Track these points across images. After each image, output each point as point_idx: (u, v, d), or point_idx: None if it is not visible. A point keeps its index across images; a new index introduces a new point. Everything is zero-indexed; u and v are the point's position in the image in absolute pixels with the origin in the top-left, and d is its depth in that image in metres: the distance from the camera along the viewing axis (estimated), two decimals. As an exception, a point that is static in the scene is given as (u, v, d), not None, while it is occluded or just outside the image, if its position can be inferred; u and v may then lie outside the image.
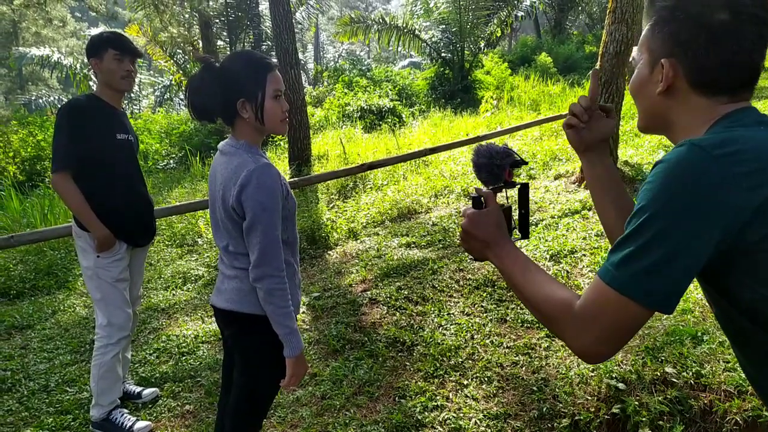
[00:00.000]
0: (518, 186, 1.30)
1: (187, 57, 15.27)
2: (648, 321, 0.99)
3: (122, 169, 2.78)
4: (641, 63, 1.04)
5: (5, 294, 4.92)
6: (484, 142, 1.33)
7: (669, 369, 2.59)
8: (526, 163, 1.36)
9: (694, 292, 3.30)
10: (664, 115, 1.02)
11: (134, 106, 19.29)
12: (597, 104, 1.27)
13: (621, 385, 2.56)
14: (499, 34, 16.58)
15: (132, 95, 19.35)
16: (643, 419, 2.35)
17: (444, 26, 16.18)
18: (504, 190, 1.29)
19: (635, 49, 1.08)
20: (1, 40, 30.90)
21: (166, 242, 5.93)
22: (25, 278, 5.13)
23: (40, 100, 18.83)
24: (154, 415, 2.92)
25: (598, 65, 5.81)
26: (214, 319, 2.40)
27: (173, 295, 4.57)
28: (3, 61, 29.21)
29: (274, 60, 1.81)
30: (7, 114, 16.36)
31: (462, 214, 1.16)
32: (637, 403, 2.44)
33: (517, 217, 1.30)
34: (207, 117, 1.78)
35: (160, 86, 19.22)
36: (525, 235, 1.31)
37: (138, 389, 3.06)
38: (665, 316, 3.09)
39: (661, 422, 2.34)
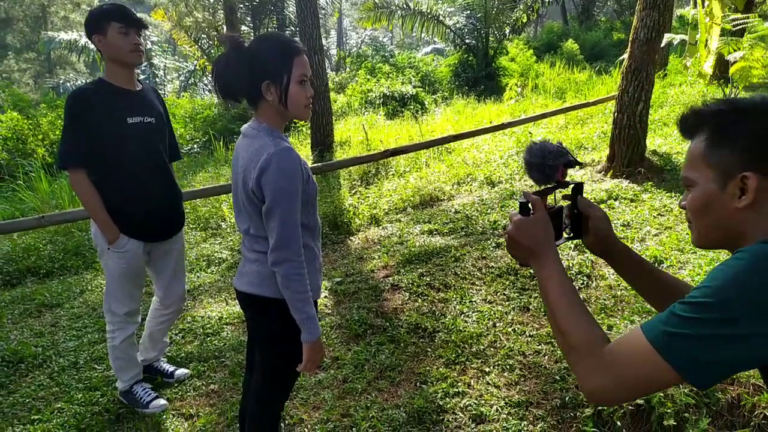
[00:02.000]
0: (572, 185, 1.28)
1: (211, 42, 15.35)
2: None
3: (135, 160, 2.58)
4: (702, 182, 1.00)
5: (35, 273, 5.05)
6: (537, 139, 1.28)
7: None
8: (580, 164, 1.30)
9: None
10: (740, 228, 0.97)
11: (159, 91, 19.48)
12: (575, 216, 1.28)
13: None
14: (524, 20, 16.33)
15: (157, 80, 19.55)
16: (668, 411, 2.33)
17: (469, 12, 15.99)
18: (555, 190, 1.26)
19: (685, 169, 1.04)
20: (31, 25, 31.40)
21: (191, 225, 6.01)
22: (54, 258, 5.25)
23: (68, 84, 19.13)
24: (180, 393, 2.97)
25: (627, 52, 5.69)
26: (237, 301, 2.44)
27: (198, 277, 4.63)
28: (32, 45, 29.70)
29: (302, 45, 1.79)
30: (36, 97, 16.65)
31: (509, 218, 1.15)
32: (662, 394, 2.41)
33: (568, 216, 1.28)
34: (232, 96, 1.76)
35: (184, 71, 19.38)
36: (577, 235, 1.30)
37: (171, 369, 3.11)
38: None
39: (686, 414, 2.32)
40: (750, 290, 0.82)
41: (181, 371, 3.12)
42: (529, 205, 1.13)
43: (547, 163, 1.22)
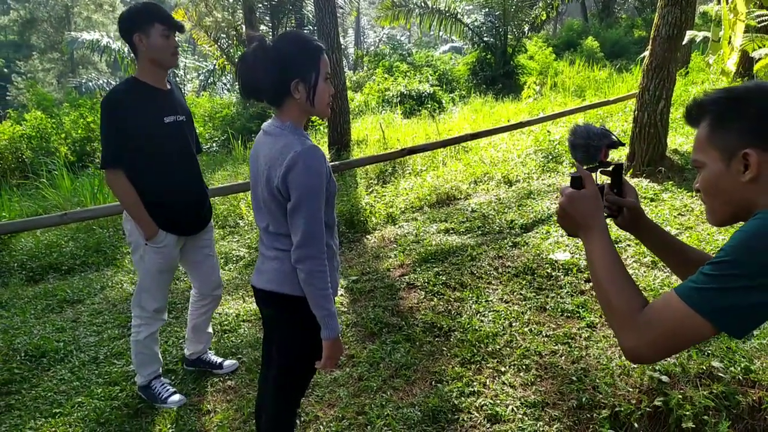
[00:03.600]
0: (612, 166, 1.35)
1: (230, 42, 15.48)
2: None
3: (172, 157, 2.66)
4: (710, 162, 1.11)
5: (57, 269, 5.14)
6: (580, 122, 1.39)
7: (716, 363, 2.51)
8: (623, 144, 1.40)
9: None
10: (749, 200, 1.07)
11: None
12: (614, 196, 1.37)
13: (665, 378, 2.50)
14: (544, 18, 16.19)
15: (177, 79, 19.76)
16: (687, 413, 2.29)
17: (487, 9, 15.89)
18: (598, 170, 1.33)
19: (694, 153, 1.15)
20: (55, 25, 31.96)
21: (209, 223, 6.07)
22: (75, 255, 5.34)
23: (90, 83, 19.44)
24: (197, 389, 3.01)
25: (649, 49, 5.61)
26: (253, 298, 2.46)
27: (215, 274, 4.67)
28: (56, 45, 30.23)
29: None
30: (59, 97, 16.96)
31: (560, 192, 1.23)
32: (680, 396, 2.37)
33: (608, 194, 1.35)
34: (256, 94, 1.76)
35: (204, 71, 19.57)
36: (615, 213, 1.37)
37: (220, 360, 3.16)
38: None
39: (705, 417, 2.28)
40: (757, 251, 0.94)
41: (230, 362, 3.17)
42: (581, 179, 1.20)
43: (592, 143, 1.30)
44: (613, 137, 1.32)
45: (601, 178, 1.36)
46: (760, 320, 0.97)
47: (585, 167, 1.28)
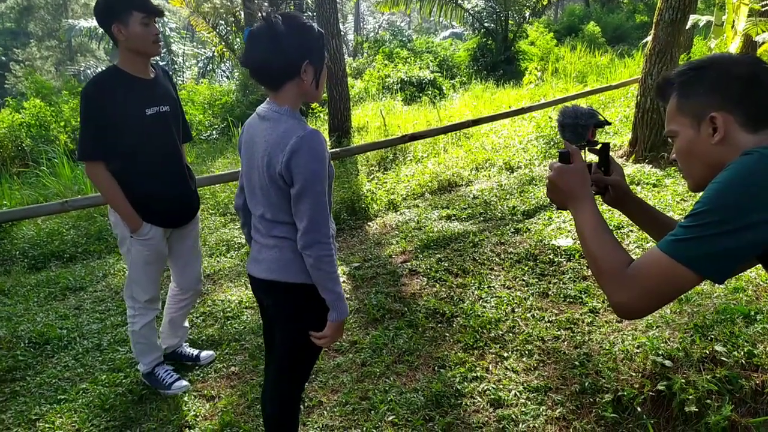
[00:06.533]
0: (599, 145, 1.41)
1: (229, 28, 15.36)
2: (698, 299, 1.06)
3: (154, 149, 2.58)
4: (681, 129, 1.18)
5: (59, 257, 5.14)
6: (569, 103, 1.45)
7: (719, 347, 2.51)
8: (609, 124, 1.46)
9: (748, 270, 3.17)
10: (722, 160, 1.10)
11: (178, 78, 19.59)
12: (600, 174, 1.44)
13: (667, 362, 2.50)
14: (545, 3, 16.02)
15: (176, 66, 19.65)
16: (690, 397, 2.30)
17: (488, -5, 15.73)
18: (585, 148, 1.39)
19: (667, 124, 1.22)
20: (52, 13, 31.72)
21: (210, 211, 6.06)
22: (77, 242, 5.34)
23: (89, 71, 19.39)
24: (201, 375, 3.02)
25: (651, 34, 5.56)
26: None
27: (217, 261, 4.68)
28: (54, 33, 30.02)
29: None
30: (58, 84, 16.87)
31: (549, 167, 1.29)
32: (683, 380, 2.38)
33: (595, 173, 1.41)
34: (262, 73, 1.71)
35: (203, 58, 19.45)
36: (601, 190, 1.43)
37: (195, 352, 3.14)
38: (716, 294, 2.99)
39: (708, 401, 2.28)
40: (731, 195, 1.00)
41: (206, 353, 3.15)
42: (569, 153, 1.26)
43: (579, 123, 1.36)
44: (600, 117, 1.37)
45: (590, 158, 1.40)
46: (737, 264, 1.02)
47: (573, 146, 1.33)
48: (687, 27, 5.78)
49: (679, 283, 1.03)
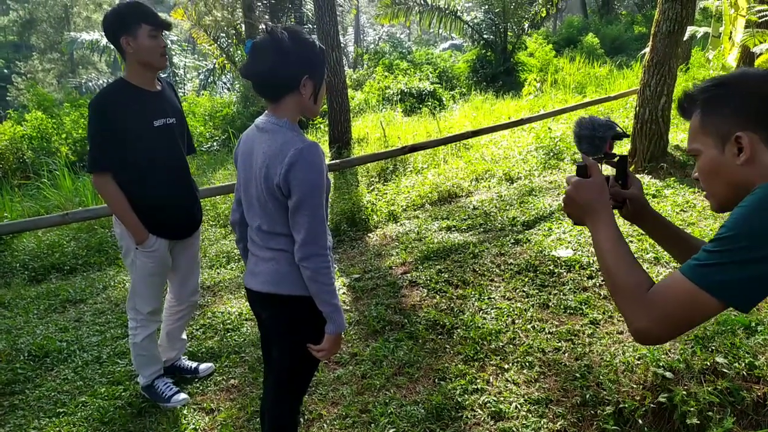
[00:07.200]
0: (617, 158, 1.36)
1: (230, 41, 15.46)
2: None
3: (161, 161, 2.60)
4: (705, 149, 1.13)
5: (60, 269, 5.14)
6: (585, 114, 1.42)
7: (720, 359, 2.51)
8: (628, 136, 1.43)
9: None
10: (747, 181, 1.07)
11: (179, 90, 19.68)
12: (617, 187, 1.38)
13: (668, 374, 2.49)
14: (544, 15, 16.16)
15: (177, 79, 19.75)
16: (691, 409, 2.29)
17: (487, 7, 15.87)
18: (602, 161, 1.35)
19: (689, 143, 1.17)
20: (54, 26, 31.94)
21: (210, 222, 6.07)
22: (77, 254, 5.34)
23: (90, 83, 19.47)
24: (201, 388, 3.01)
25: (649, 45, 5.59)
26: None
27: (218, 273, 4.68)
28: (56, 45, 30.20)
29: None
30: (59, 97, 16.96)
31: (566, 180, 1.24)
32: (685, 392, 2.37)
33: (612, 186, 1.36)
34: (265, 85, 1.73)
35: (204, 70, 19.56)
36: (619, 204, 1.38)
37: (194, 365, 3.13)
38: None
39: (710, 413, 2.28)
40: (758, 221, 0.96)
41: (205, 366, 3.14)
42: (587, 167, 1.22)
43: (597, 135, 1.33)
44: (618, 129, 1.33)
45: (607, 170, 1.37)
46: (763, 293, 0.98)
47: (590, 158, 1.29)
48: (685, 38, 5.82)
49: (701, 309, 0.99)
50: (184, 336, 3.15)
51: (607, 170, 1.36)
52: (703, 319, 1.02)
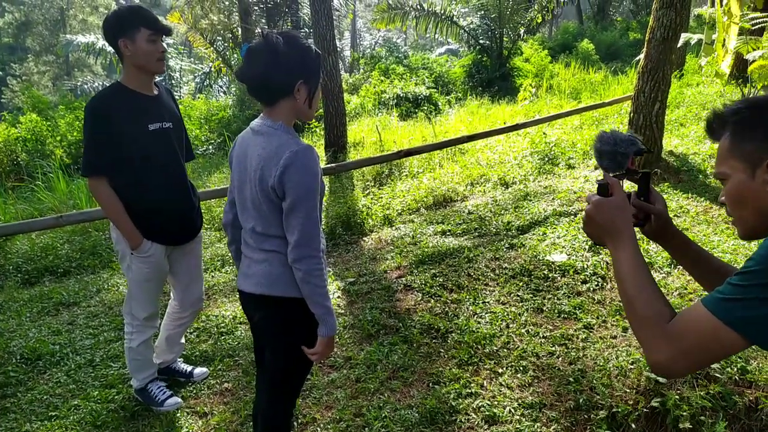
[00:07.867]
0: (640, 174, 1.31)
1: (226, 44, 15.46)
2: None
3: (156, 165, 2.57)
4: (734, 173, 1.08)
5: (53, 272, 5.12)
6: (607, 129, 1.33)
7: (712, 364, 2.52)
8: (651, 152, 1.38)
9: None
10: None
11: (175, 93, 19.62)
12: (641, 201, 1.32)
13: (661, 379, 2.50)
14: (539, 20, 16.22)
15: (173, 82, 19.73)
16: (684, 414, 2.30)
17: (483, 12, 15.94)
18: (624, 178, 1.29)
19: (717, 165, 1.11)
20: (50, 28, 31.87)
21: (205, 226, 6.06)
22: (71, 257, 5.32)
23: (86, 86, 19.41)
24: (194, 392, 3.00)
25: (644, 52, 5.63)
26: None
27: (212, 277, 4.67)
28: (51, 48, 30.13)
29: None
30: (54, 99, 16.91)
31: (587, 199, 1.19)
32: (677, 397, 2.38)
33: (634, 203, 1.30)
34: (260, 88, 1.74)
35: (200, 73, 19.54)
36: (642, 222, 1.32)
37: (189, 368, 3.12)
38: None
39: (702, 417, 2.29)
40: None
41: (200, 370, 3.13)
42: (609, 186, 1.17)
43: (619, 150, 1.28)
44: (641, 144, 1.28)
45: (627, 186, 1.32)
46: None
47: (611, 175, 1.24)
48: (679, 45, 5.86)
49: (723, 345, 0.95)
50: (183, 341, 3.15)
51: (627, 186, 1.31)
52: (725, 355, 0.98)
